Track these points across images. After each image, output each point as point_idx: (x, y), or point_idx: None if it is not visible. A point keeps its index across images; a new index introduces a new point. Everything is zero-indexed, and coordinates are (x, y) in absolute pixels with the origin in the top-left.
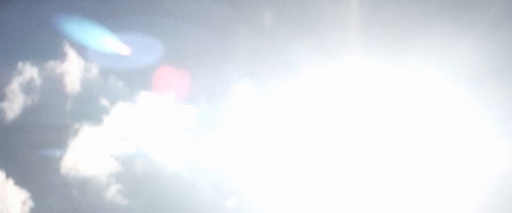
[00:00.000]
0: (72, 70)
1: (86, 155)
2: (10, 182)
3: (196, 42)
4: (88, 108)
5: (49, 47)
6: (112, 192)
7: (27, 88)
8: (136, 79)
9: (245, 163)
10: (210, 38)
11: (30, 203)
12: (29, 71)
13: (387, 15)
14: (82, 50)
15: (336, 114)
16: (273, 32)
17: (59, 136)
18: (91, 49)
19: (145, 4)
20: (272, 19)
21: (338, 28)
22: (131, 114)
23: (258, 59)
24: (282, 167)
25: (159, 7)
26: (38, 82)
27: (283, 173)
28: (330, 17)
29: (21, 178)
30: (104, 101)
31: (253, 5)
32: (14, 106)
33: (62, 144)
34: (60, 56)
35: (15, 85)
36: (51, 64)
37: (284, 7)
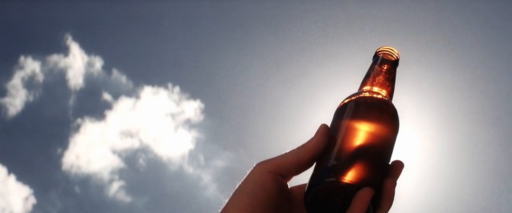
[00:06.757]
0: (75, 65)
1: (88, 151)
2: (12, 178)
3: (200, 38)
4: (91, 103)
5: (51, 41)
6: (115, 188)
7: (29, 83)
8: (140, 74)
9: (250, 160)
10: (214, 34)
11: (32, 200)
12: (31, 66)
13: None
14: (85, 44)
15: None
16: (274, 31)
17: (62, 132)
18: (94, 43)
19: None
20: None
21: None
22: (134, 110)
23: (260, 56)
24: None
25: (162, 2)
26: (40, 77)
27: None
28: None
29: (23, 174)
30: (107, 96)
31: (257, 3)
32: (16, 101)
33: (64, 139)
34: (63, 50)
35: (16, 80)
36: (53, 58)
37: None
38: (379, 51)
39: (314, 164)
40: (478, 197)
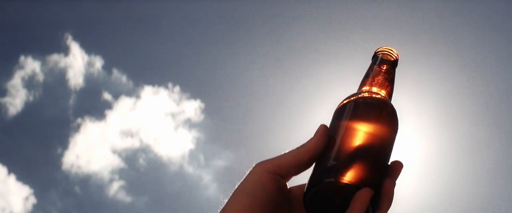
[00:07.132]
0: (75, 65)
1: (89, 151)
2: (12, 178)
3: (200, 38)
4: (91, 103)
5: (51, 41)
6: (115, 188)
7: (29, 83)
8: (140, 73)
9: (250, 160)
10: (214, 34)
11: (32, 199)
12: (31, 66)
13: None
14: (85, 44)
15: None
16: (276, 30)
17: (62, 132)
18: (94, 43)
19: None
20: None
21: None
22: (134, 109)
23: (260, 56)
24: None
25: (163, 2)
26: (40, 76)
27: None
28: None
29: (23, 174)
30: (107, 96)
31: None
32: (16, 101)
33: (64, 139)
34: (63, 50)
35: (16, 80)
36: (53, 58)
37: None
38: (378, 51)
39: (314, 164)
40: (478, 197)
